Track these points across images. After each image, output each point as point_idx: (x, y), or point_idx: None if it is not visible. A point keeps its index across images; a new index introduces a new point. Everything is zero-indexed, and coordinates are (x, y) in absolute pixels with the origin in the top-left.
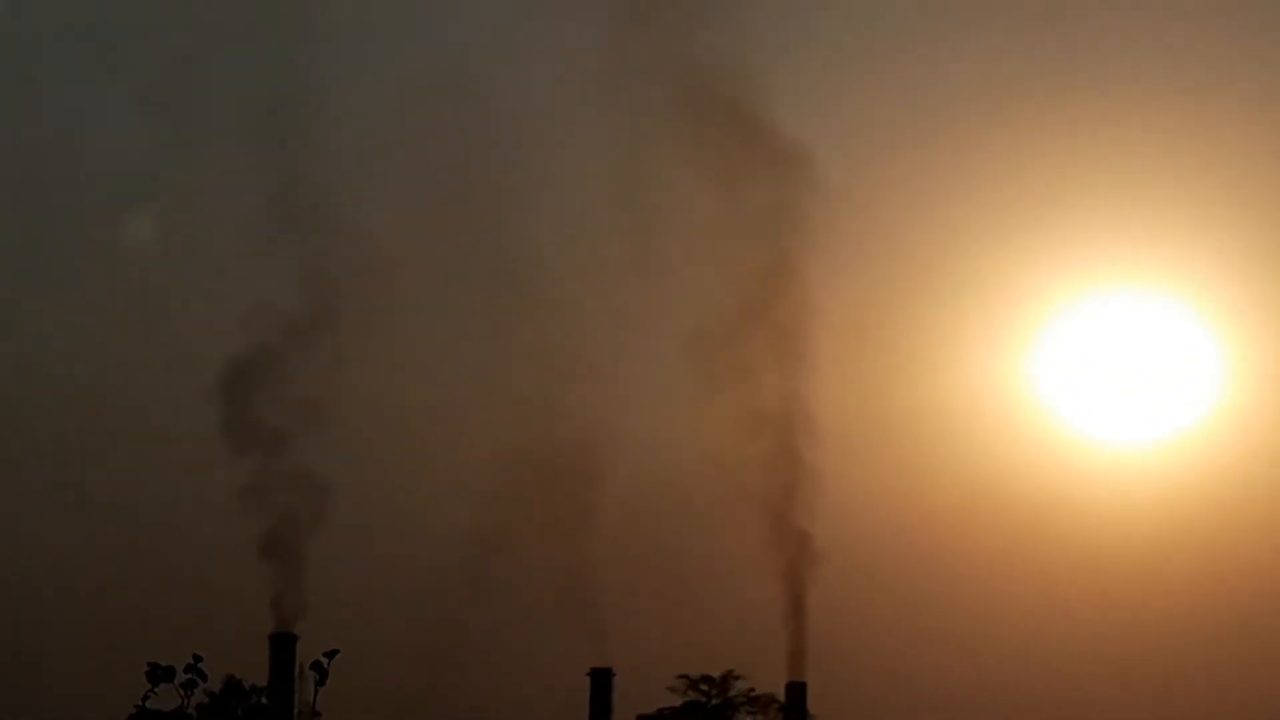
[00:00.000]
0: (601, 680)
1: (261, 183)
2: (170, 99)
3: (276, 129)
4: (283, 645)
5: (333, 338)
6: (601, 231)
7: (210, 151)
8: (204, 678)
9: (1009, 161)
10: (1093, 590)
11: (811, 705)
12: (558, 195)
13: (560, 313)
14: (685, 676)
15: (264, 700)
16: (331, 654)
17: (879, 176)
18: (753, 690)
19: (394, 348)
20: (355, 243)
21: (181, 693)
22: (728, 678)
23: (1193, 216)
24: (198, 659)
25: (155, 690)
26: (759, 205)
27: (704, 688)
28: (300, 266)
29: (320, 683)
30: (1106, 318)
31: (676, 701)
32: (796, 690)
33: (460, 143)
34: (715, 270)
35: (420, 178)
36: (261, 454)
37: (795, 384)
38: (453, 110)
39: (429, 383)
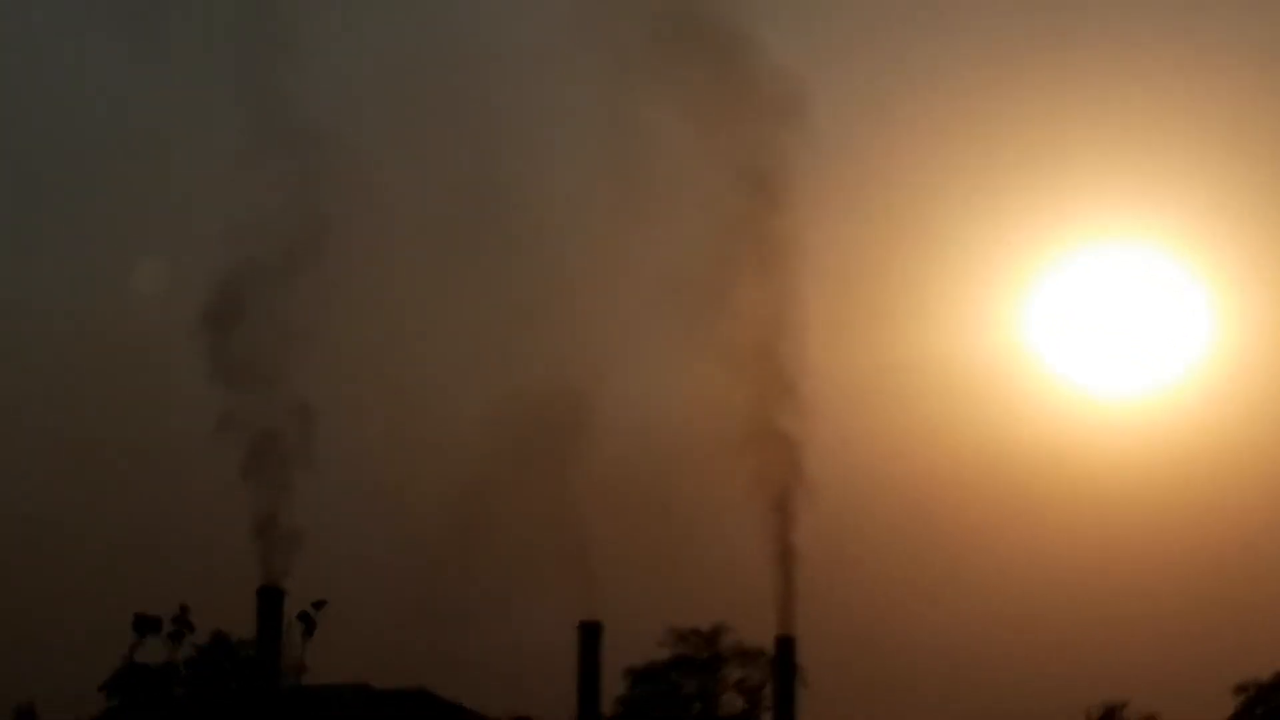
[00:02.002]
0: (591, 633)
1: (243, 113)
2: (149, 17)
3: (259, 62)
4: (270, 599)
5: (312, 280)
6: (587, 173)
7: (191, 74)
8: (190, 629)
9: (1003, 112)
10: (1084, 542)
11: (801, 659)
12: (542, 136)
13: (545, 258)
14: (674, 630)
15: (252, 654)
16: (319, 605)
17: (871, 123)
18: (742, 644)
19: (373, 299)
20: (334, 182)
21: (169, 644)
22: (717, 631)
23: (1182, 169)
24: (184, 610)
25: (142, 641)
26: (747, 150)
27: (693, 641)
28: (279, 205)
29: (308, 634)
30: (1097, 270)
31: (665, 655)
32: (786, 644)
33: (443, 82)
34: (701, 215)
35: (402, 119)
36: (244, 389)
37: (783, 330)
38: (436, 52)
39: (412, 333)
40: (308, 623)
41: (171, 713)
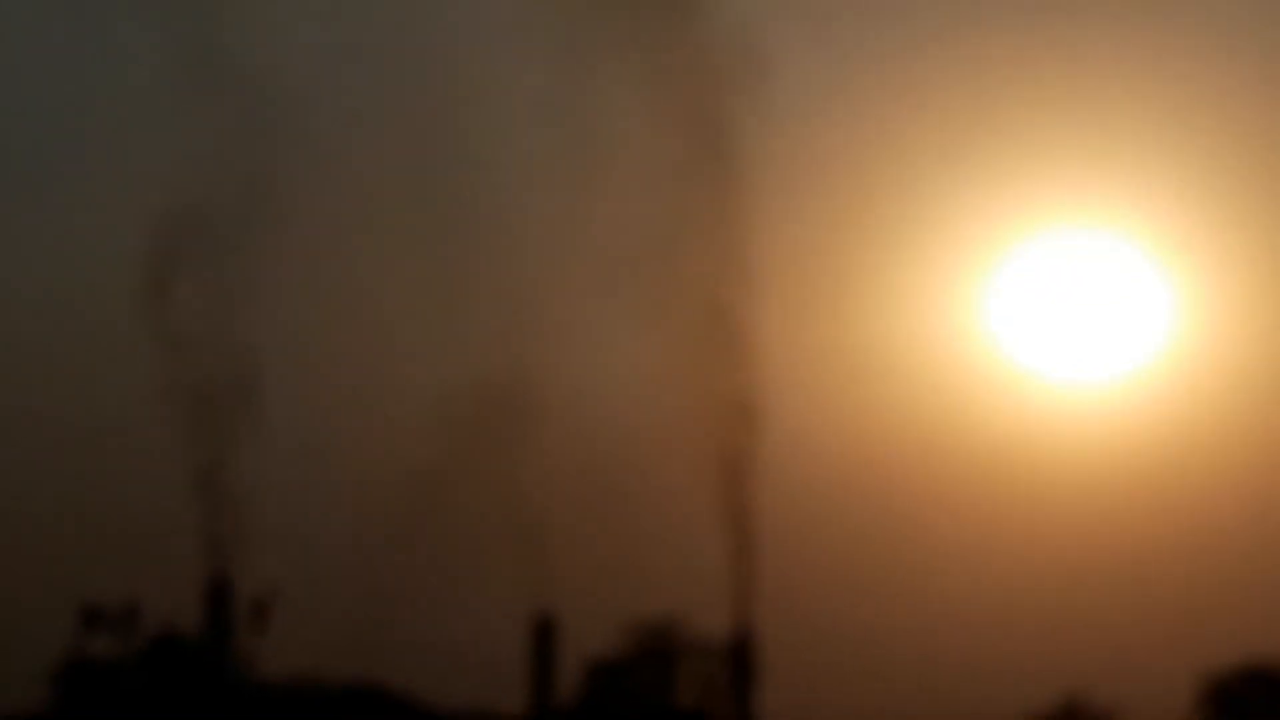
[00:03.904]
0: (545, 624)
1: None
2: None
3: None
4: (218, 590)
5: (257, 245)
6: (540, 144)
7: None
8: (138, 621)
9: (968, 92)
10: (1047, 529)
11: (759, 648)
12: (495, 104)
13: (496, 229)
14: (629, 622)
15: (201, 647)
16: (269, 595)
17: (833, 97)
18: (698, 634)
19: (317, 269)
20: (281, 142)
21: (115, 637)
22: (671, 623)
23: (1148, 153)
24: (131, 602)
25: (88, 634)
26: (704, 123)
27: (647, 633)
28: (224, 163)
29: (258, 625)
30: (1061, 254)
31: (622, 645)
32: (743, 633)
33: (396, 48)
34: (657, 188)
35: (351, 85)
36: (185, 356)
37: (740, 308)
38: (390, 16)
39: (358, 304)
40: (258, 614)
41: (118, 709)
